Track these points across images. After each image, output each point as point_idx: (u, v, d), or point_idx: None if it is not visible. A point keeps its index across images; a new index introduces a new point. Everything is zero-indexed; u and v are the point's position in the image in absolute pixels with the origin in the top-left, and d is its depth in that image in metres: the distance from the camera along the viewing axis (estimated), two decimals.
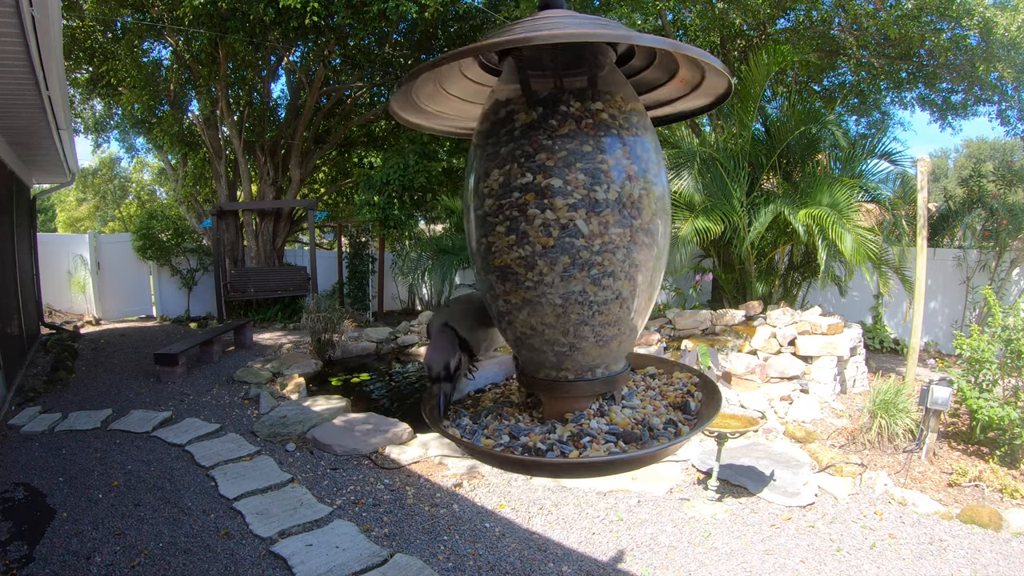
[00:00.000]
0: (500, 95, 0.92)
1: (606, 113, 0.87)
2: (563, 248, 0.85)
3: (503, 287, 0.91)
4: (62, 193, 17.94)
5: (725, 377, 5.62)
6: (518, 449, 0.90)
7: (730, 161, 7.36)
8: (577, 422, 0.94)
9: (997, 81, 8.58)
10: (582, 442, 0.89)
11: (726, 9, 8.56)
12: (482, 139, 0.92)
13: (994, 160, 17.99)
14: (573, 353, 0.93)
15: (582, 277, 0.86)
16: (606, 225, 0.85)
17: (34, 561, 3.16)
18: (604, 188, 0.85)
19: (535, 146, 0.85)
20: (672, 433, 0.93)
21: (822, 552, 3.36)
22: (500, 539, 3.49)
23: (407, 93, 0.95)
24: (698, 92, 0.99)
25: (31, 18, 3.31)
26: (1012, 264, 8.23)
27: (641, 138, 0.90)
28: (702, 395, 1.06)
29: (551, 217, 0.85)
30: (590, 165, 0.85)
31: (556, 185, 0.84)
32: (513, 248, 0.87)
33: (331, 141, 11.75)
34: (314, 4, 7.55)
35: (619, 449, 0.87)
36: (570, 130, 0.85)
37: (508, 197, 0.87)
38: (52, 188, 10.23)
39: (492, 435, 0.96)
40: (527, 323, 0.92)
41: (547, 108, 0.87)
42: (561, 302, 0.88)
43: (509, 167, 0.87)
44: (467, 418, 1.03)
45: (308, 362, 7.40)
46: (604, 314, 0.90)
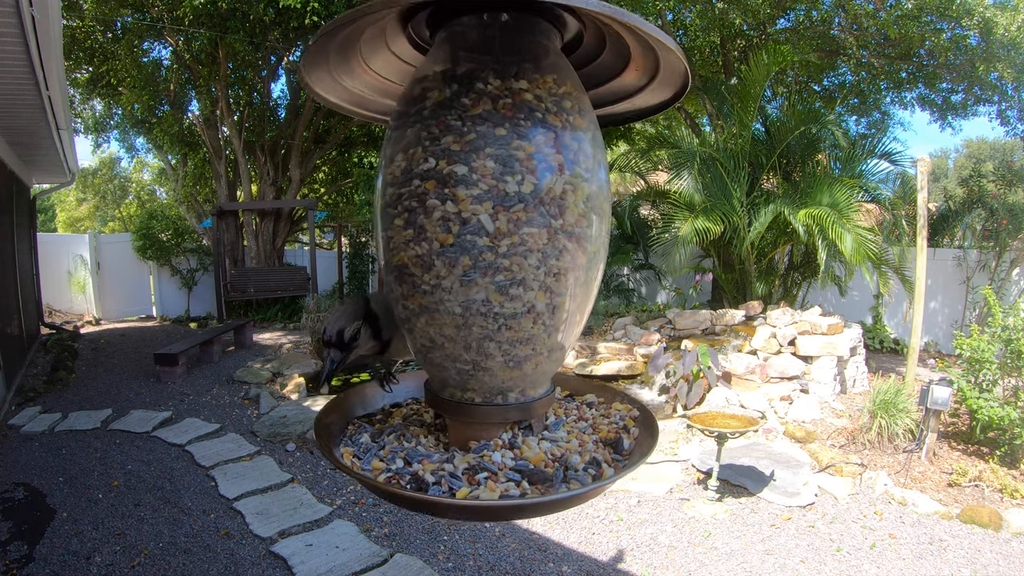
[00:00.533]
0: (420, 73, 0.80)
1: (530, 94, 0.75)
2: (463, 247, 0.73)
3: (400, 289, 0.80)
4: (62, 193, 17.93)
5: (725, 377, 5.62)
6: (406, 477, 0.78)
7: (730, 161, 7.36)
8: (479, 452, 0.82)
9: (997, 81, 8.58)
10: (476, 478, 0.76)
11: (726, 9, 8.56)
12: (394, 121, 0.81)
13: (994, 160, 17.99)
14: (478, 373, 0.81)
15: (485, 283, 0.74)
16: (517, 223, 0.73)
17: (34, 561, 3.16)
18: (517, 179, 0.72)
19: (442, 127, 0.74)
20: (592, 475, 0.80)
21: (822, 552, 3.36)
22: (500, 539, 3.49)
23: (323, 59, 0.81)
24: (659, 80, 0.86)
25: (31, 18, 3.31)
26: (1012, 264, 8.23)
27: (573, 127, 0.77)
28: (639, 431, 0.93)
29: (452, 210, 0.73)
30: (502, 151, 0.72)
31: (460, 172, 0.72)
32: (410, 244, 0.76)
33: (331, 141, 11.75)
34: (314, 4, 7.56)
35: (519, 491, 0.75)
36: (484, 111, 0.73)
37: (408, 185, 0.75)
38: (52, 188, 10.24)
39: (386, 457, 0.83)
40: (425, 333, 0.81)
41: (462, 85, 0.75)
42: (461, 311, 0.76)
43: (413, 151, 0.75)
44: (367, 435, 0.91)
45: (308, 362, 7.40)
46: (513, 329, 0.77)
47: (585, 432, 0.93)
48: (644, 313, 7.95)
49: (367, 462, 0.83)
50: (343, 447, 0.89)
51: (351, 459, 0.85)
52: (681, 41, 9.48)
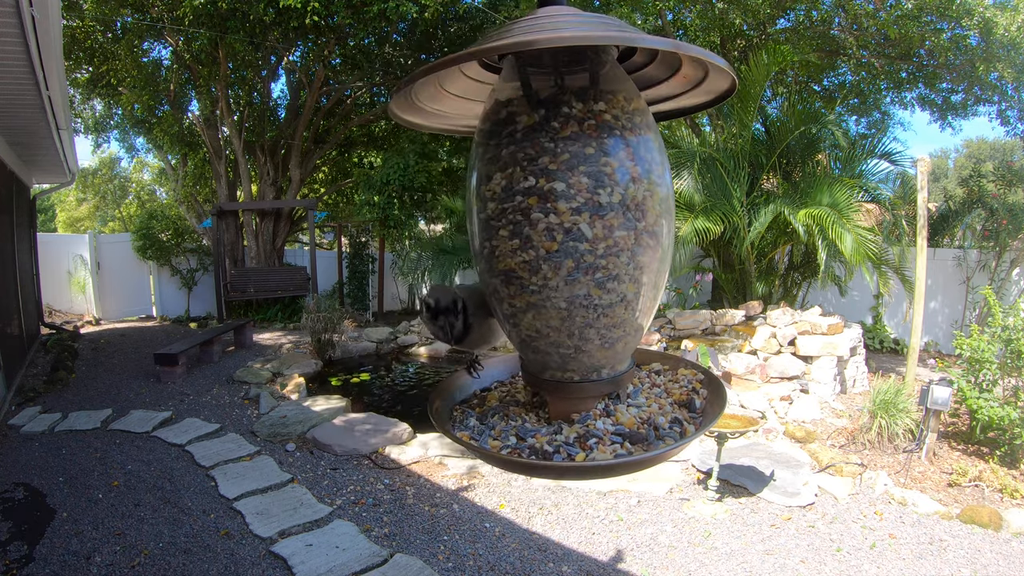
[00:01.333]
0: (501, 95, 0.90)
1: (609, 114, 0.86)
2: (567, 252, 0.84)
3: (507, 291, 0.91)
4: (62, 193, 17.94)
5: (725, 377, 5.62)
6: (525, 451, 0.89)
7: (730, 161, 7.36)
8: (583, 423, 0.93)
9: (997, 81, 8.58)
10: (588, 444, 0.88)
11: (726, 9, 8.56)
12: (483, 140, 0.91)
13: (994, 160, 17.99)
14: (578, 355, 0.92)
15: (586, 281, 0.86)
16: (610, 228, 0.84)
17: (34, 561, 3.16)
18: (608, 191, 0.84)
19: (537, 149, 0.85)
20: (677, 432, 0.92)
21: (822, 552, 3.36)
22: (500, 539, 3.49)
23: (406, 95, 0.93)
24: (699, 89, 0.98)
25: (31, 18, 3.31)
26: (1012, 264, 8.23)
27: (644, 138, 0.89)
28: (707, 392, 1.05)
29: (554, 221, 0.84)
30: (593, 168, 0.84)
31: (559, 189, 0.83)
32: (517, 252, 0.86)
33: (331, 141, 11.75)
34: (314, 4, 7.56)
35: (624, 451, 0.87)
36: (572, 132, 0.84)
37: (511, 201, 0.86)
38: (52, 188, 10.24)
39: (499, 436, 0.94)
40: (532, 326, 0.91)
41: (549, 109, 0.85)
42: (566, 305, 0.87)
43: (511, 170, 0.86)
44: (474, 419, 1.01)
45: (308, 362, 7.40)
46: (609, 316, 0.89)
47: (661, 396, 1.04)
48: None
49: (484, 442, 0.93)
50: (458, 432, 0.98)
51: (469, 441, 0.95)
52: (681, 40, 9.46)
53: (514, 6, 8.65)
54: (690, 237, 6.92)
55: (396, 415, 5.45)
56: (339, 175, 13.94)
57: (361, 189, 10.45)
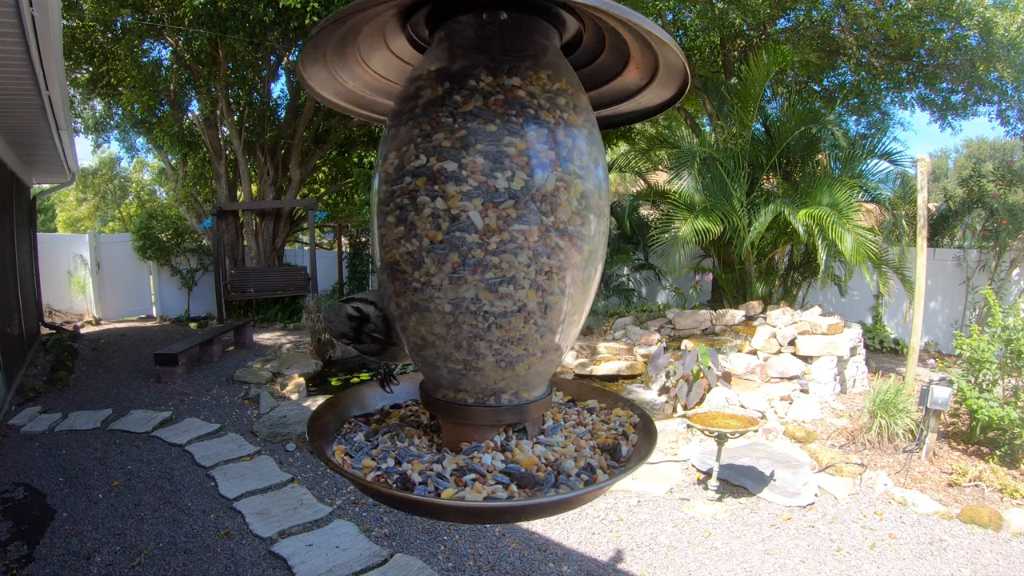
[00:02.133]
0: (416, 71, 0.80)
1: (523, 90, 0.74)
2: (453, 244, 0.73)
3: (393, 286, 0.81)
4: (62, 193, 17.94)
5: (725, 377, 5.62)
6: (394, 476, 0.78)
7: (730, 161, 7.36)
8: (469, 454, 0.82)
9: (997, 81, 8.58)
10: (464, 479, 0.76)
11: (726, 9, 8.56)
12: (390, 120, 0.81)
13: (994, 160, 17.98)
14: (469, 372, 0.80)
15: (474, 281, 0.74)
16: (506, 220, 0.72)
17: (34, 561, 3.16)
18: (507, 175, 0.72)
19: (434, 124, 0.74)
20: (584, 481, 0.79)
21: (822, 552, 3.35)
22: (500, 539, 3.49)
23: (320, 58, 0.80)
24: (659, 78, 0.85)
25: (31, 18, 3.31)
26: (1012, 264, 8.23)
27: (567, 123, 0.77)
28: (638, 437, 0.92)
29: (441, 206, 0.73)
30: (492, 147, 0.72)
31: (450, 169, 0.72)
32: (401, 241, 0.76)
33: (331, 141, 11.75)
34: (314, 4, 7.56)
35: (506, 494, 0.75)
36: (475, 107, 0.73)
37: (400, 182, 0.76)
38: (52, 188, 10.24)
39: (377, 456, 0.84)
40: (417, 331, 0.81)
41: (454, 82, 0.75)
42: (451, 309, 0.76)
43: (405, 148, 0.76)
44: (362, 434, 0.91)
45: (308, 362, 7.40)
46: (504, 328, 0.76)
47: (583, 437, 0.91)
48: (644, 313, 7.95)
49: (358, 460, 0.83)
50: (336, 445, 0.89)
51: (343, 456, 0.85)
52: (681, 41, 9.48)
53: None
54: (690, 237, 6.92)
55: None
56: (339, 175, 13.93)
57: (361, 189, 10.46)
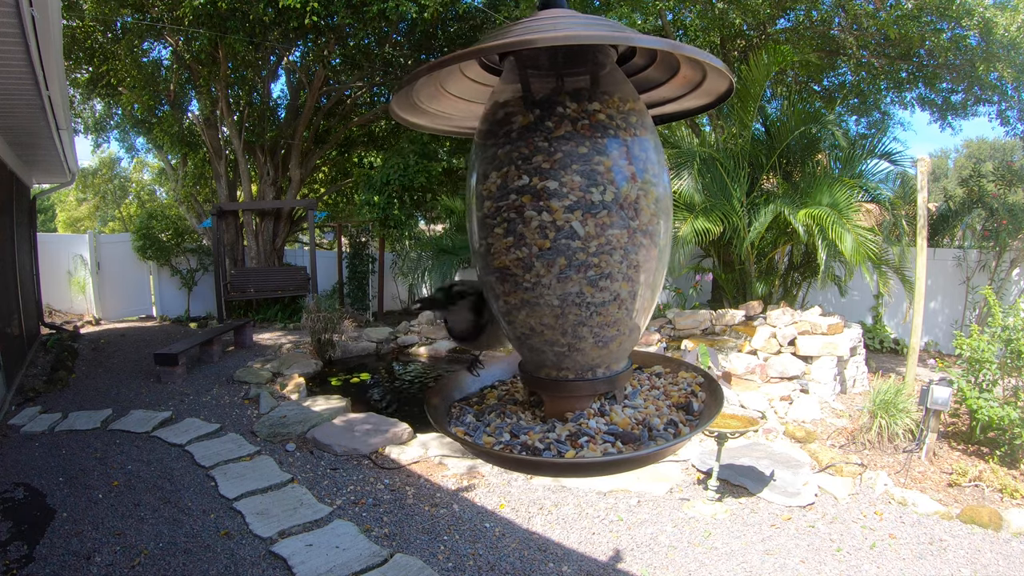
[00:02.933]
0: (499, 96, 0.92)
1: (603, 114, 0.87)
2: (559, 250, 0.85)
3: (502, 288, 0.92)
4: (62, 193, 17.95)
5: (725, 377, 5.62)
6: (517, 448, 0.90)
7: (730, 161, 7.36)
8: (576, 421, 0.94)
9: (997, 81, 8.58)
10: (579, 442, 0.89)
11: (726, 9, 8.56)
12: (482, 140, 0.93)
13: (994, 160, 17.99)
14: (572, 353, 0.93)
15: (579, 279, 0.86)
16: (603, 227, 0.85)
17: (34, 561, 3.16)
18: (600, 190, 0.85)
19: (531, 148, 0.86)
20: (672, 434, 0.92)
21: (822, 552, 3.36)
22: (500, 539, 3.49)
23: (407, 95, 0.94)
24: (698, 91, 0.99)
25: (31, 18, 3.31)
26: (1012, 264, 8.23)
27: (640, 138, 0.89)
28: (706, 395, 1.05)
29: (547, 219, 0.85)
30: (586, 167, 0.85)
31: (552, 187, 0.84)
32: (511, 250, 0.88)
33: (331, 141, 11.76)
34: (314, 4, 7.56)
35: (616, 450, 0.87)
36: (566, 132, 0.85)
37: (505, 199, 0.87)
38: (52, 188, 10.23)
39: (494, 433, 0.96)
40: (526, 323, 0.92)
41: (544, 110, 0.86)
42: (559, 303, 0.88)
43: (506, 169, 0.87)
44: (471, 415, 1.03)
45: (308, 362, 7.40)
46: (602, 315, 0.89)
47: (659, 399, 1.05)
48: None
49: (478, 438, 0.95)
50: (454, 427, 1.00)
51: (464, 436, 0.96)
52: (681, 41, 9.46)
53: (514, 6, 8.65)
54: (690, 237, 6.91)
55: (396, 415, 5.45)
56: (339, 175, 13.94)
57: (361, 189, 10.45)
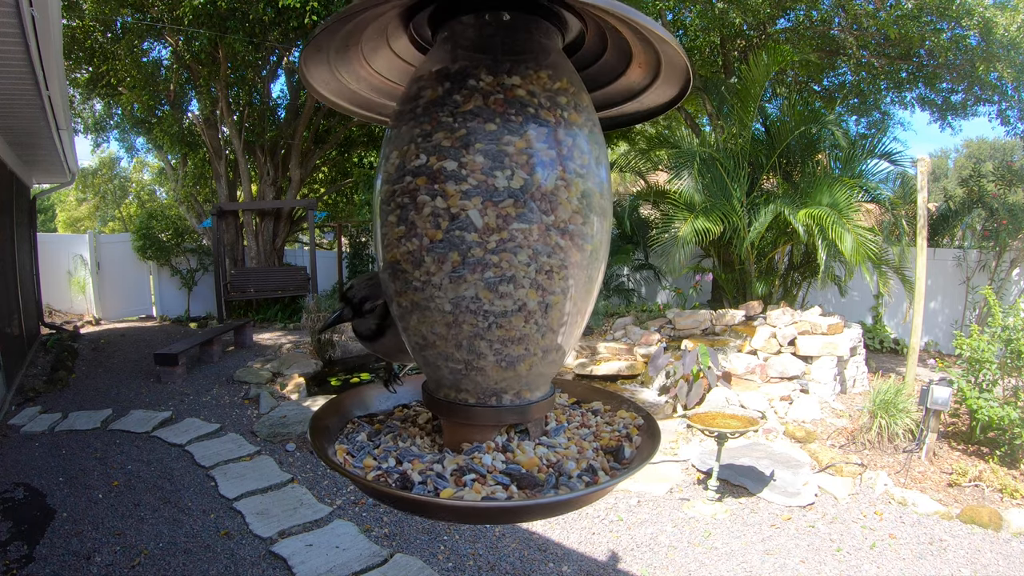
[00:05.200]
0: (417, 72, 0.81)
1: (523, 89, 0.75)
2: (452, 243, 0.74)
3: (394, 286, 0.81)
4: (62, 193, 17.94)
5: (725, 377, 5.62)
6: (394, 476, 0.79)
7: (730, 161, 7.36)
8: (470, 454, 0.82)
9: (997, 81, 8.58)
10: (464, 479, 0.77)
11: (726, 9, 8.56)
12: (393, 121, 0.82)
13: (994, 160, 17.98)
14: (470, 372, 0.81)
15: (474, 280, 0.74)
16: (506, 219, 0.73)
17: (34, 561, 3.16)
18: (507, 174, 0.73)
19: (434, 124, 0.75)
20: (585, 482, 0.79)
21: (822, 552, 3.36)
22: (500, 539, 3.49)
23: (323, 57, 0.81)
24: (662, 78, 0.86)
25: (31, 18, 3.31)
26: (1012, 264, 8.23)
27: (568, 122, 0.77)
28: (642, 439, 0.92)
29: (441, 205, 0.73)
30: (491, 146, 0.73)
31: (449, 168, 0.73)
32: (402, 241, 0.77)
33: (331, 141, 11.75)
34: (314, 3, 7.56)
35: (505, 494, 0.75)
36: (475, 106, 0.74)
37: (401, 182, 0.76)
38: (52, 188, 10.24)
39: (379, 456, 0.84)
40: (418, 331, 0.81)
41: (454, 83, 0.76)
42: (451, 308, 0.76)
43: (406, 148, 0.77)
44: (364, 434, 0.92)
45: (308, 362, 7.40)
46: (504, 328, 0.77)
47: (586, 439, 0.91)
48: (644, 313, 7.95)
49: (360, 460, 0.83)
50: (338, 444, 0.89)
51: (344, 456, 0.85)
52: (681, 41, 9.45)
53: None
54: (690, 237, 6.91)
55: None
56: (339, 175, 13.93)
57: (361, 189, 10.46)
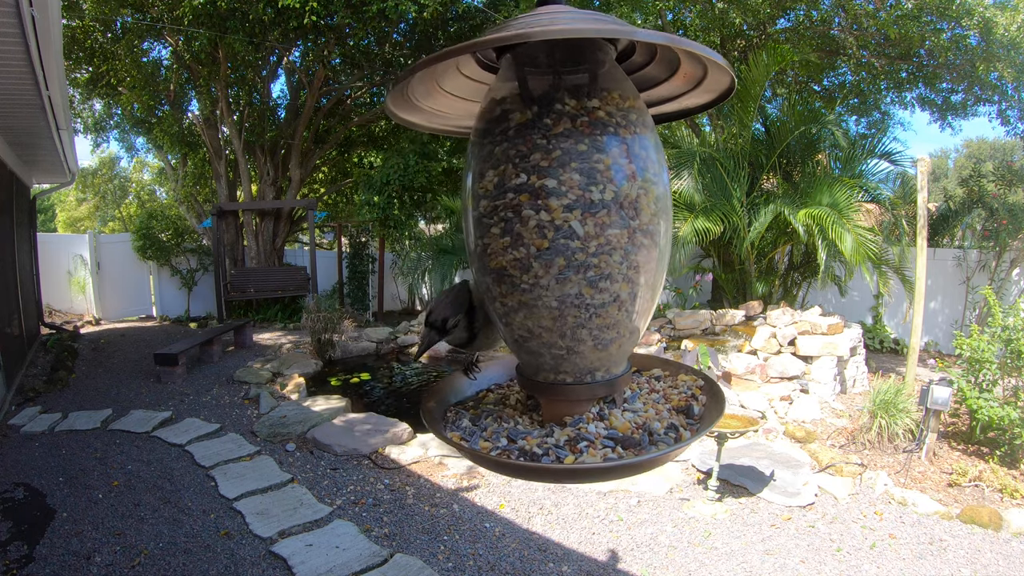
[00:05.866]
0: (496, 93, 0.90)
1: (602, 111, 0.85)
2: (558, 250, 0.83)
3: (499, 289, 0.90)
4: (62, 193, 17.95)
5: (725, 377, 5.62)
6: (514, 453, 0.88)
7: (730, 161, 7.36)
8: (575, 426, 0.92)
9: (997, 81, 8.58)
10: (579, 447, 0.87)
11: (726, 9, 8.57)
12: (478, 138, 0.91)
13: (994, 160, 17.98)
14: (571, 356, 0.91)
15: (578, 280, 0.84)
16: (602, 226, 0.83)
17: (34, 561, 3.16)
18: (600, 188, 0.83)
19: (529, 145, 0.84)
20: (673, 438, 0.90)
21: (822, 552, 3.35)
22: (500, 539, 3.49)
23: (403, 91, 0.92)
24: (700, 89, 0.97)
25: (31, 18, 3.31)
26: (1012, 264, 8.22)
27: (640, 136, 0.88)
28: (706, 398, 1.03)
29: (545, 218, 0.83)
30: (585, 165, 0.83)
31: (550, 186, 0.82)
32: (508, 250, 0.86)
33: (331, 141, 11.75)
34: (313, 4, 7.56)
35: (616, 455, 0.86)
36: (565, 129, 0.83)
37: (503, 198, 0.85)
38: (52, 188, 10.23)
39: (490, 437, 0.93)
40: (523, 326, 0.90)
41: (542, 106, 0.85)
42: (557, 305, 0.86)
43: (504, 167, 0.85)
44: (467, 419, 1.01)
45: (308, 362, 7.40)
46: (602, 317, 0.87)
47: (659, 402, 1.03)
48: None
49: (475, 443, 0.93)
50: (449, 432, 0.98)
51: (460, 442, 0.94)
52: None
53: (514, 5, 8.65)
54: (690, 237, 6.91)
55: (396, 415, 5.45)
56: (339, 175, 13.94)
57: (361, 189, 10.45)
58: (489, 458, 0.87)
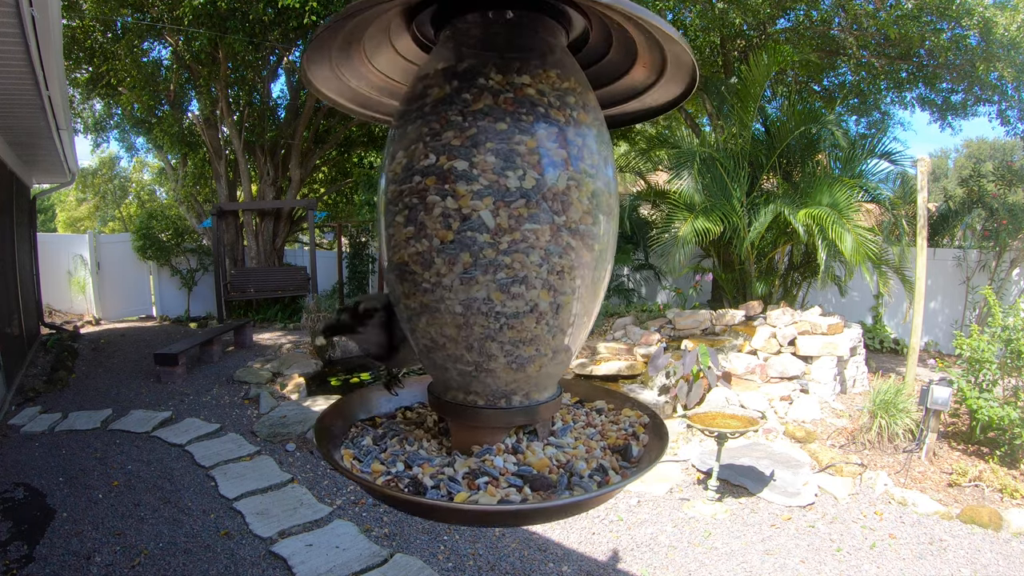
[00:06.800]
0: (422, 71, 0.79)
1: (532, 88, 0.73)
2: (464, 244, 0.71)
3: (401, 288, 0.79)
4: (62, 193, 17.94)
5: (725, 377, 5.61)
6: (405, 481, 0.76)
7: (730, 161, 7.36)
8: (480, 457, 0.80)
9: (997, 81, 8.58)
10: (477, 482, 0.75)
11: (726, 9, 8.56)
12: (397, 120, 0.80)
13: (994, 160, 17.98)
14: (480, 374, 0.79)
15: (486, 281, 0.72)
16: (518, 219, 0.71)
17: (34, 561, 3.16)
18: (519, 174, 0.71)
19: (443, 123, 0.73)
20: (597, 482, 0.77)
21: (822, 552, 3.35)
22: (500, 539, 3.49)
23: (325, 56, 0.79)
24: (667, 76, 0.85)
25: (31, 18, 3.31)
26: (1012, 264, 8.23)
27: (578, 122, 0.76)
28: (648, 438, 0.90)
29: (452, 206, 0.71)
30: (503, 146, 0.71)
31: (460, 168, 0.71)
32: (411, 242, 0.75)
33: (331, 141, 11.75)
34: (313, 3, 7.56)
35: (520, 497, 0.73)
36: (486, 105, 0.72)
37: (409, 182, 0.74)
38: (52, 188, 10.23)
39: (386, 460, 0.82)
40: (427, 333, 0.79)
41: (463, 81, 0.74)
42: (462, 310, 0.74)
43: (414, 147, 0.74)
44: (369, 437, 0.90)
45: (308, 362, 7.39)
46: (515, 329, 0.75)
47: (593, 439, 0.90)
48: (644, 313, 7.95)
49: (367, 464, 0.82)
50: (344, 449, 0.88)
51: (351, 461, 0.84)
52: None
53: None
54: (690, 237, 6.91)
55: None
56: (339, 175, 13.93)
57: (361, 189, 10.45)
58: (372, 486, 0.75)
